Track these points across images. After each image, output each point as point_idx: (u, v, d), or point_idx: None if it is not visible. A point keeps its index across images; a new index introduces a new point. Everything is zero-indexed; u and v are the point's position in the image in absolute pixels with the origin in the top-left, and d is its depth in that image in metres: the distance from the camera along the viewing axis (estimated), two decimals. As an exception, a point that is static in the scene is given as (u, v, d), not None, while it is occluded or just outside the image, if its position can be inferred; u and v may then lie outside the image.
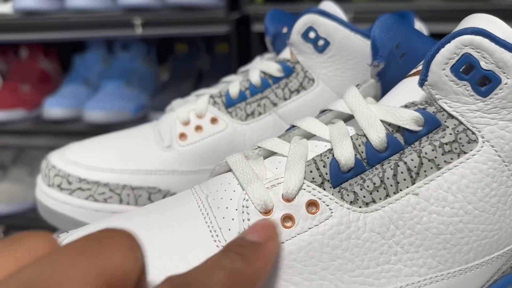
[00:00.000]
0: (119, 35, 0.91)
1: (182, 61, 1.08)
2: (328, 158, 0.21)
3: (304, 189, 0.21)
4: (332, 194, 0.21)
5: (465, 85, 0.21)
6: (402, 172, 0.21)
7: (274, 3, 0.85)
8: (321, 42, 0.33)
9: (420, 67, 0.25)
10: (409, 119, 0.21)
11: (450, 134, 0.21)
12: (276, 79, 0.35)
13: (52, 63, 1.18)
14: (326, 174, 0.21)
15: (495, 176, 0.21)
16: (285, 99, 0.34)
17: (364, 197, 0.21)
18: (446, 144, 0.21)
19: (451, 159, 0.21)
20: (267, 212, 0.20)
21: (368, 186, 0.21)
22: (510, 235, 0.22)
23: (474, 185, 0.21)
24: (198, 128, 0.34)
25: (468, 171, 0.21)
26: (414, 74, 0.25)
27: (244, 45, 0.87)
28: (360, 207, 0.21)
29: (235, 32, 0.84)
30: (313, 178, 0.21)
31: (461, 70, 0.21)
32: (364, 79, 0.34)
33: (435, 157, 0.21)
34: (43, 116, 0.98)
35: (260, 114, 0.34)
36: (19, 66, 1.16)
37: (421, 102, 0.22)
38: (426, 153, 0.21)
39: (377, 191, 0.21)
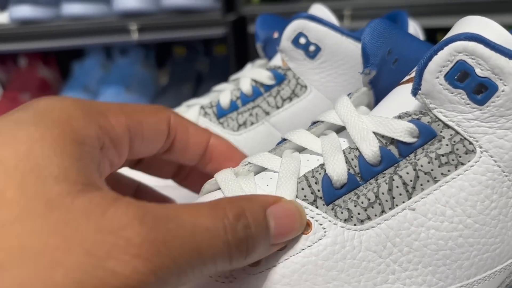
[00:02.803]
0: (115, 41, 0.90)
1: (181, 64, 1.07)
2: (320, 174, 0.20)
3: None
4: (325, 212, 0.19)
5: (460, 94, 0.19)
6: (397, 187, 0.20)
7: (271, 3, 0.83)
8: (312, 48, 0.32)
9: (413, 74, 0.24)
10: (403, 131, 0.20)
11: (447, 145, 0.20)
12: (268, 87, 0.33)
13: (51, 71, 1.17)
14: (319, 191, 0.20)
15: (495, 187, 0.20)
16: (278, 107, 0.33)
17: (358, 214, 0.19)
18: (443, 155, 0.20)
19: (448, 171, 0.20)
20: None
21: (362, 202, 0.20)
22: (503, 241, 0.21)
23: (474, 197, 0.20)
24: None
25: (467, 183, 0.20)
26: (407, 81, 0.23)
27: (241, 47, 0.86)
28: (355, 224, 0.19)
29: (231, 34, 0.82)
30: (305, 196, 0.20)
31: (455, 77, 0.19)
32: (358, 84, 0.32)
33: (432, 170, 0.20)
34: None
35: (252, 123, 0.33)
36: (18, 75, 1.15)
37: (415, 112, 0.21)
38: (422, 166, 0.20)
39: (372, 207, 0.20)
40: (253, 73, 0.34)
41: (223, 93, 0.34)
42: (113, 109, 0.20)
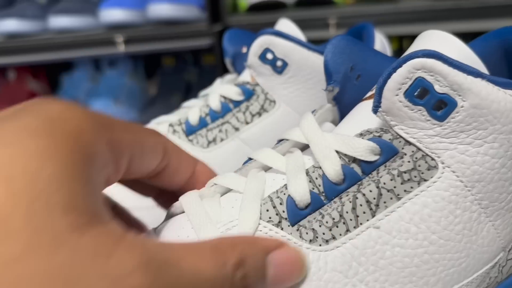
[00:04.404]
0: (102, 53, 0.89)
1: (170, 75, 1.07)
2: (284, 194, 0.20)
3: (261, 231, 0.19)
4: (290, 234, 0.19)
5: (420, 110, 0.19)
6: (361, 205, 0.19)
7: (257, 13, 0.83)
8: (279, 63, 0.31)
9: (373, 91, 0.23)
10: (364, 150, 0.20)
11: (409, 161, 0.20)
12: (237, 103, 0.33)
13: (41, 83, 1.16)
14: (283, 212, 0.19)
15: (458, 202, 0.19)
16: (247, 123, 0.32)
17: (323, 234, 0.19)
18: (405, 172, 0.19)
19: (411, 188, 0.19)
20: None
21: (327, 222, 0.19)
22: (478, 261, 0.20)
23: (437, 213, 0.19)
24: None
25: (430, 199, 0.19)
26: (369, 97, 0.23)
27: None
28: (320, 245, 0.19)
29: (218, 44, 0.82)
30: (270, 218, 0.19)
31: (415, 94, 0.19)
32: (324, 97, 0.32)
33: (394, 187, 0.19)
34: None
35: (222, 140, 0.33)
36: (7, 89, 1.14)
37: (377, 130, 0.20)
38: (384, 183, 0.19)
39: (337, 226, 0.19)
40: (221, 89, 0.33)
41: (192, 109, 0.33)
42: (119, 124, 0.19)
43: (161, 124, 0.34)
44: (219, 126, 0.33)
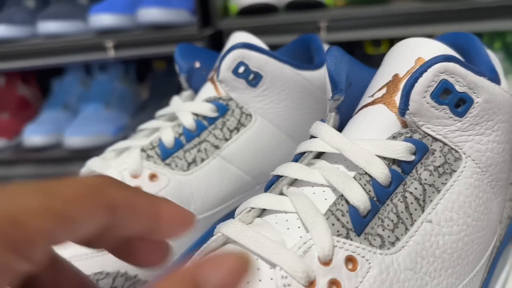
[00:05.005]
0: (92, 59, 0.87)
1: (161, 79, 1.01)
2: (342, 205, 0.20)
3: (336, 246, 0.18)
4: (360, 243, 0.19)
5: (444, 109, 0.21)
6: (411, 203, 0.20)
7: (248, 17, 0.79)
8: (252, 76, 0.31)
9: (376, 96, 0.25)
10: (404, 150, 0.21)
11: (440, 156, 0.21)
12: (212, 120, 0.31)
13: (31, 89, 1.12)
14: (347, 223, 0.19)
15: (480, 186, 0.22)
16: (226, 140, 0.31)
17: (388, 237, 0.20)
18: (439, 166, 0.21)
19: (446, 179, 0.21)
20: (311, 284, 0.18)
21: (388, 225, 0.20)
22: (492, 234, 0.23)
23: (469, 199, 0.21)
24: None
25: (462, 187, 0.21)
26: (372, 103, 0.25)
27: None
28: (388, 248, 0.19)
29: (209, 48, 0.77)
30: (338, 231, 0.19)
31: (440, 95, 0.21)
32: (297, 107, 0.33)
33: (434, 181, 0.21)
34: (24, 144, 0.93)
35: (203, 160, 0.31)
36: None
37: (407, 131, 0.22)
38: (425, 179, 0.21)
39: (397, 227, 0.20)
40: (192, 107, 0.31)
41: (164, 131, 0.31)
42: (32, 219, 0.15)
43: (131, 150, 0.30)
44: (196, 146, 0.31)
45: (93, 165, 0.30)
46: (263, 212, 0.22)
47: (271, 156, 0.33)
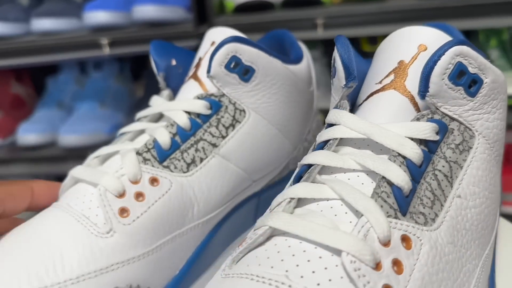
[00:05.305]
0: (87, 56, 0.87)
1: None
2: (385, 187, 0.20)
3: (390, 227, 0.19)
4: (408, 221, 0.19)
5: (459, 90, 0.22)
6: (442, 180, 0.21)
7: (244, 14, 0.76)
8: (245, 70, 0.30)
9: (384, 82, 0.26)
10: (431, 131, 0.22)
11: (458, 135, 0.23)
12: (206, 117, 0.30)
13: (25, 87, 1.12)
14: (394, 203, 0.20)
15: (491, 161, 0.24)
16: (223, 137, 0.30)
17: (429, 214, 0.20)
18: (459, 144, 0.22)
19: (466, 156, 0.22)
20: (377, 266, 0.17)
21: (427, 203, 0.20)
22: (497, 205, 0.25)
23: (484, 173, 0.23)
24: (139, 195, 0.27)
25: (479, 162, 0.23)
26: (382, 89, 0.25)
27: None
28: (431, 225, 0.20)
29: None
30: (387, 213, 0.19)
31: (456, 77, 0.22)
32: (286, 101, 0.33)
33: (457, 159, 0.22)
34: (18, 143, 0.93)
35: (202, 159, 0.29)
36: None
37: (428, 113, 0.23)
38: (450, 157, 0.22)
39: (434, 204, 0.21)
40: (184, 104, 0.30)
41: (158, 131, 0.29)
42: None
43: (125, 154, 0.28)
44: (193, 145, 0.29)
45: (81, 174, 0.27)
46: (298, 202, 0.21)
47: (265, 151, 0.32)
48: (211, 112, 0.30)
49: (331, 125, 0.24)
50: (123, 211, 0.26)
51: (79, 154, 0.89)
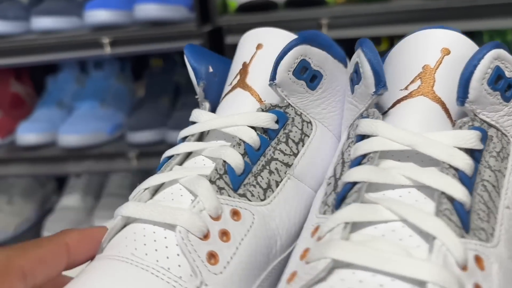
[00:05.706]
0: (88, 55, 0.91)
1: (158, 76, 1.07)
2: (447, 204, 0.21)
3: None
4: (475, 240, 0.21)
5: (497, 95, 0.24)
6: (491, 191, 0.23)
7: (247, 13, 0.81)
8: (313, 77, 0.30)
9: (411, 89, 0.25)
10: (476, 139, 0.23)
11: (498, 142, 0.25)
12: (273, 132, 0.29)
13: (25, 86, 1.17)
14: (457, 221, 0.21)
15: None
16: (295, 154, 0.29)
17: (488, 229, 0.22)
18: (500, 151, 0.24)
19: (506, 164, 0.24)
20: None
21: (483, 217, 0.23)
22: None
23: None
24: (223, 235, 0.24)
25: None
26: (408, 96, 0.25)
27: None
28: (491, 241, 0.21)
29: (208, 45, 0.83)
30: (455, 232, 0.20)
31: (494, 81, 0.22)
32: (343, 108, 0.31)
33: (500, 167, 0.24)
34: (17, 142, 0.99)
35: (277, 183, 0.28)
36: None
37: (468, 120, 0.23)
38: (494, 166, 0.24)
39: (489, 217, 0.23)
40: (248, 118, 0.28)
41: (227, 152, 0.27)
42: None
43: (197, 182, 0.25)
44: (264, 166, 0.28)
45: (139, 213, 0.24)
46: (351, 226, 0.21)
47: (328, 166, 0.30)
48: (278, 126, 0.29)
49: (363, 136, 0.24)
50: (211, 257, 0.23)
51: (79, 154, 0.91)
